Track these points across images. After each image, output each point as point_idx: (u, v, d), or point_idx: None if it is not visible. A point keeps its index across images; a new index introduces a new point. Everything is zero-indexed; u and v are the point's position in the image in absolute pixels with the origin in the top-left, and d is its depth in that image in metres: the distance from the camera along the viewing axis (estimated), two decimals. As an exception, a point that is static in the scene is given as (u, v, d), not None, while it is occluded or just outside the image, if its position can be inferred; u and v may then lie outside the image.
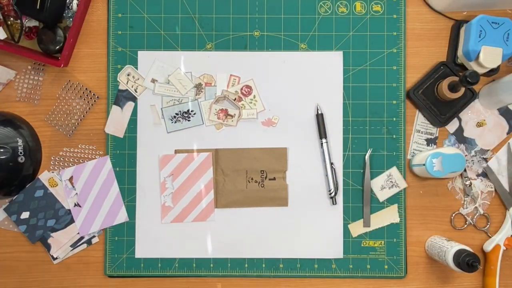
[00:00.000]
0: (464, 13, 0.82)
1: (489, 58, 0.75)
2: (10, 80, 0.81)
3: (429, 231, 0.81)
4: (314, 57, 0.81)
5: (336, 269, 0.80)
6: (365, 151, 0.81)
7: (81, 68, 0.81)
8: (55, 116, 0.81)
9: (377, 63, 0.81)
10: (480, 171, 0.81)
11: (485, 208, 0.81)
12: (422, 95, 0.80)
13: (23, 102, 0.81)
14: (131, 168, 0.80)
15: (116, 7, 0.81)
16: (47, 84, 0.81)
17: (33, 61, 0.81)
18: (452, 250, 0.73)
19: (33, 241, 0.80)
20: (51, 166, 0.81)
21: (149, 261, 0.80)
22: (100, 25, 0.82)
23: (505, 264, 0.81)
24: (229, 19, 0.81)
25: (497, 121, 0.82)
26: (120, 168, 0.80)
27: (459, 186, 0.81)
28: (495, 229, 0.81)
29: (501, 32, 0.75)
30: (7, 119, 0.79)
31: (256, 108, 0.81)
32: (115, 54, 0.81)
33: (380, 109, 0.81)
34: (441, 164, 0.75)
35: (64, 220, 0.80)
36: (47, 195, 0.80)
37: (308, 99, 0.81)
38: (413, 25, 0.82)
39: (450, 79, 0.77)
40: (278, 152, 0.80)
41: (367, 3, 0.81)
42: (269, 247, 0.80)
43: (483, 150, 0.81)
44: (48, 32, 0.79)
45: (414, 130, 0.81)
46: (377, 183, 0.80)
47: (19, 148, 0.77)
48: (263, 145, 0.81)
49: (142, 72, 0.81)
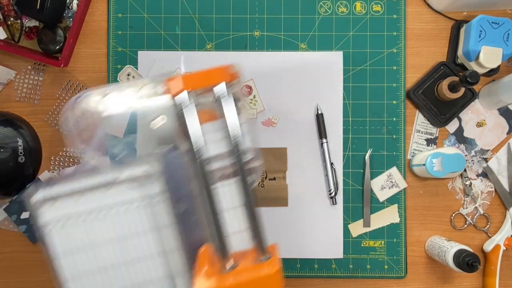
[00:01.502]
0: (464, 13, 0.82)
1: (489, 58, 0.75)
2: (10, 80, 0.81)
3: (429, 231, 0.81)
4: (314, 57, 0.81)
5: (336, 269, 0.80)
6: (365, 151, 0.81)
7: (81, 68, 0.81)
8: (55, 116, 0.81)
9: (377, 63, 0.81)
10: (480, 171, 0.81)
11: (485, 208, 0.81)
12: (422, 95, 0.80)
13: (23, 102, 0.81)
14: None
15: (116, 7, 0.81)
16: (47, 84, 0.81)
17: (33, 61, 0.81)
18: (452, 250, 0.73)
19: (33, 241, 0.80)
20: (51, 166, 0.81)
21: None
22: (100, 25, 0.82)
23: (505, 264, 0.81)
24: (229, 19, 0.81)
25: (497, 121, 0.82)
26: (120, 168, 0.80)
27: (459, 186, 0.81)
28: (495, 229, 0.81)
29: (501, 32, 0.75)
30: (7, 119, 0.79)
31: (256, 108, 0.81)
32: (115, 54, 0.81)
33: (380, 109, 0.81)
34: (441, 164, 0.75)
35: (64, 220, 0.80)
36: (47, 195, 0.80)
37: (308, 99, 0.81)
38: (413, 25, 0.82)
39: (450, 79, 0.77)
40: (278, 152, 0.80)
41: (367, 3, 0.82)
42: (269, 247, 0.80)
43: (483, 150, 0.81)
44: (48, 32, 0.79)
45: (414, 130, 0.81)
46: (377, 183, 0.80)
47: (19, 148, 0.77)
48: (263, 145, 0.81)
49: (142, 72, 0.81)
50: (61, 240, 0.52)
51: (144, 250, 0.53)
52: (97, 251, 0.52)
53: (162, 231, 0.53)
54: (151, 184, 0.52)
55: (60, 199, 0.52)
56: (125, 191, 0.52)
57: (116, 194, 0.52)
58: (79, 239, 0.52)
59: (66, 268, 0.52)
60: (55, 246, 0.52)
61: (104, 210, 0.52)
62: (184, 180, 0.51)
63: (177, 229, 0.52)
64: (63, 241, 0.52)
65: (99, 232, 0.53)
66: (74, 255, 0.52)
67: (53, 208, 0.52)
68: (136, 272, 0.53)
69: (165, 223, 0.53)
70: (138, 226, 0.53)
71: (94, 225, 0.52)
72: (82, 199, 0.52)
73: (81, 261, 0.52)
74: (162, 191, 0.53)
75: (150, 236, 0.53)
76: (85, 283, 0.52)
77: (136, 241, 0.53)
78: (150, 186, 0.52)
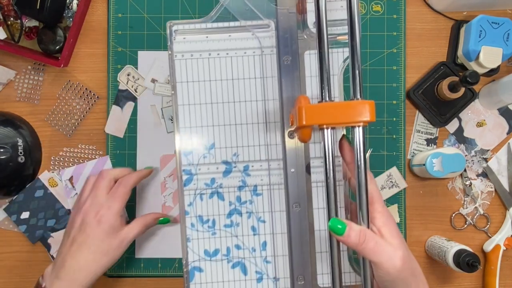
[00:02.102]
0: (464, 13, 0.82)
1: (489, 58, 0.75)
2: (10, 80, 0.81)
3: (429, 231, 0.81)
4: (314, 57, 0.81)
5: (336, 269, 0.80)
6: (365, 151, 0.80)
7: (81, 68, 0.81)
8: (55, 116, 0.81)
9: (377, 63, 0.81)
10: (480, 171, 0.81)
11: (485, 208, 0.81)
12: (422, 95, 0.80)
13: (23, 102, 0.81)
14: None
15: (116, 7, 0.81)
16: (47, 84, 0.81)
17: (33, 61, 0.81)
18: (452, 250, 0.73)
19: (33, 241, 0.80)
20: (51, 166, 0.81)
21: (149, 261, 0.80)
22: (100, 25, 0.82)
23: (505, 264, 0.81)
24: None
25: (497, 121, 0.82)
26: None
27: (459, 186, 0.81)
28: (495, 229, 0.81)
29: (501, 32, 0.75)
30: (7, 119, 0.79)
31: (256, 108, 0.81)
32: (115, 54, 0.81)
33: (380, 109, 0.81)
34: (441, 164, 0.75)
35: (64, 220, 0.80)
36: (47, 195, 0.80)
37: (308, 99, 0.80)
38: (413, 25, 0.82)
39: (450, 79, 0.77)
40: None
41: (367, 3, 0.81)
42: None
43: (483, 150, 0.81)
44: (48, 32, 0.79)
45: (414, 130, 0.81)
46: (377, 183, 0.80)
47: (19, 148, 0.77)
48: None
49: (142, 72, 0.81)
50: (184, 70, 0.64)
51: (251, 94, 0.64)
52: (212, 85, 0.64)
53: (267, 80, 0.64)
54: (266, 38, 0.64)
55: (192, 34, 0.64)
56: (246, 38, 0.64)
57: (238, 40, 0.64)
58: (201, 72, 0.64)
59: (180, 96, 0.64)
60: (179, 74, 0.65)
61: (227, 51, 0.64)
62: (294, 39, 0.63)
63: (280, 80, 0.64)
64: (186, 71, 0.64)
65: (218, 69, 0.64)
66: (193, 85, 0.64)
67: (185, 41, 0.64)
68: (240, 112, 0.64)
69: (271, 74, 0.64)
70: (251, 71, 0.64)
71: (217, 62, 0.64)
72: (211, 38, 0.64)
73: (195, 91, 0.64)
74: (273, 46, 0.64)
75: (259, 82, 0.64)
76: (193, 112, 0.64)
77: (245, 83, 0.64)
78: (265, 39, 0.64)
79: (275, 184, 0.64)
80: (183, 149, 0.64)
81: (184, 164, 0.65)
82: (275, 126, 0.64)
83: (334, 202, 0.55)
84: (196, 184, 0.65)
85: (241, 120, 0.65)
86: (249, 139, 0.64)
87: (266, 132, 0.64)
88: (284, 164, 0.64)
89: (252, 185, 0.65)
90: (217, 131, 0.64)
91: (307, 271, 0.64)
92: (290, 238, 0.64)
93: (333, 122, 0.55)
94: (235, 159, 0.65)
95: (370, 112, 0.54)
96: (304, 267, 0.64)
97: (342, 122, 0.55)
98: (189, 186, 0.65)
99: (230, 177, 0.65)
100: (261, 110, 0.64)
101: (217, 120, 0.64)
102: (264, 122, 0.65)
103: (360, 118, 0.54)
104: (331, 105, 0.55)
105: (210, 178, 0.65)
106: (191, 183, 0.65)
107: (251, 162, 0.64)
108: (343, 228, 0.51)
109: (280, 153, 0.64)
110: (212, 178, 0.65)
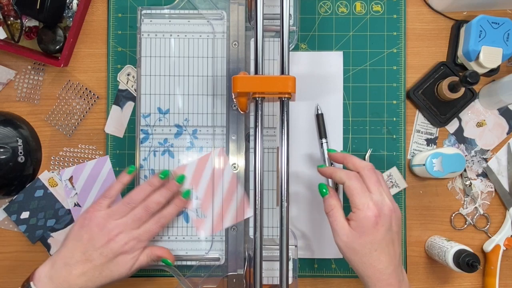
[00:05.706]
0: (464, 13, 0.82)
1: (489, 58, 0.75)
2: (10, 80, 0.81)
3: (429, 231, 0.81)
4: (314, 57, 0.81)
5: (336, 269, 0.80)
6: (365, 151, 0.81)
7: (81, 68, 0.81)
8: (55, 116, 0.81)
9: (377, 63, 0.81)
10: (480, 171, 0.81)
11: (485, 208, 0.81)
12: (422, 95, 0.80)
13: (23, 102, 0.81)
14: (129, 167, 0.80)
15: (116, 7, 0.81)
16: (47, 84, 0.81)
17: (33, 61, 0.81)
18: (452, 250, 0.73)
19: (33, 241, 0.80)
20: (51, 166, 0.81)
21: (149, 261, 0.80)
22: (100, 25, 0.82)
23: (505, 264, 0.81)
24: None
25: (497, 121, 0.82)
26: (120, 168, 0.80)
27: (459, 186, 0.81)
28: (495, 229, 0.81)
29: (501, 32, 0.75)
30: (7, 119, 0.79)
31: (256, 108, 0.81)
32: (115, 54, 0.81)
33: (380, 109, 0.81)
34: (441, 164, 0.75)
35: (64, 220, 0.80)
36: (47, 195, 0.80)
37: (308, 99, 0.81)
38: (413, 25, 0.82)
39: (450, 79, 0.77)
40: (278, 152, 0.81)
41: (367, 3, 0.82)
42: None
43: (483, 150, 0.81)
44: (48, 32, 0.79)
45: (414, 130, 0.81)
46: (377, 183, 0.80)
47: (19, 148, 0.77)
48: (263, 145, 0.82)
49: (142, 72, 0.81)
50: (149, 46, 0.78)
51: (203, 70, 0.78)
52: (171, 61, 0.78)
53: (217, 59, 0.78)
54: (219, 25, 0.78)
55: (158, 18, 0.78)
56: (202, 24, 0.78)
57: (195, 25, 0.78)
58: (163, 49, 0.78)
59: (143, 68, 0.78)
60: (144, 49, 0.78)
61: (185, 33, 0.78)
62: (241, 27, 0.78)
63: (228, 60, 0.78)
64: (150, 47, 0.78)
65: (177, 47, 0.78)
66: (155, 59, 0.78)
67: (151, 23, 0.78)
68: (193, 84, 0.78)
69: (221, 55, 0.78)
70: (204, 51, 0.78)
71: (176, 42, 0.78)
72: (173, 22, 0.78)
73: (156, 65, 0.78)
74: (224, 31, 0.78)
75: (210, 60, 0.78)
76: (153, 81, 0.78)
77: (199, 61, 0.78)
78: (218, 26, 0.78)
79: (218, 147, 0.77)
80: (142, 112, 0.78)
81: (142, 125, 0.78)
82: (222, 98, 0.78)
83: (261, 162, 0.68)
84: (151, 142, 0.78)
85: (193, 91, 0.78)
86: (198, 107, 0.78)
87: (213, 103, 0.78)
88: (226, 131, 0.77)
89: (199, 146, 0.77)
90: (172, 99, 0.78)
91: (240, 222, 0.77)
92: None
93: (260, 91, 0.66)
94: (185, 124, 0.78)
95: (291, 85, 0.66)
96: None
97: (267, 92, 0.67)
98: (145, 144, 0.78)
99: (181, 138, 0.78)
100: (211, 84, 0.78)
101: (173, 89, 0.78)
102: (212, 94, 0.78)
103: (283, 90, 0.66)
104: (259, 78, 0.67)
105: (163, 138, 0.78)
106: (147, 141, 0.78)
107: (199, 127, 0.78)
108: (326, 193, 0.68)
109: (224, 121, 0.77)
110: (165, 138, 0.78)
